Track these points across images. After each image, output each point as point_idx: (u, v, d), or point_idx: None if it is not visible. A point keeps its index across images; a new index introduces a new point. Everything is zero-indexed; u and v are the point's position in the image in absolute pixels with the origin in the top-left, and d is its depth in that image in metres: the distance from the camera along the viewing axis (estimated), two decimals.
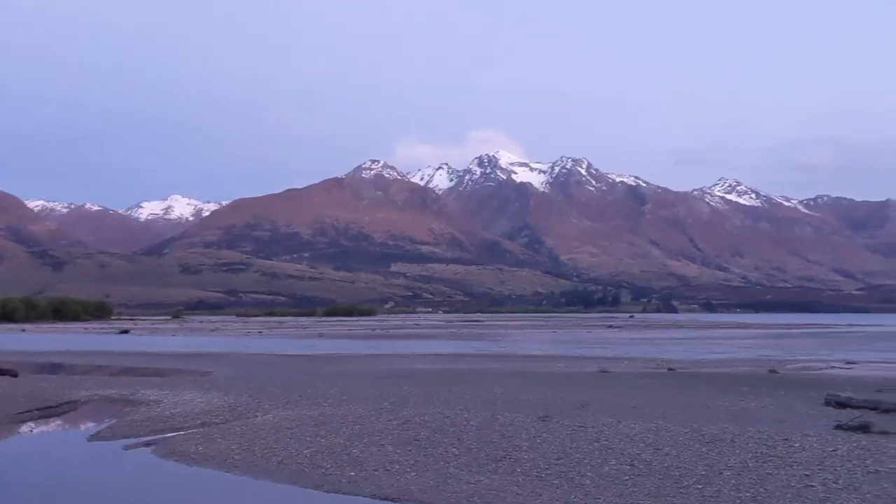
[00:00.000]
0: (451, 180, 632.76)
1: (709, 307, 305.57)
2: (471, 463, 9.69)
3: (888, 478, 8.31)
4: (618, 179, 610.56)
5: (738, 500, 7.57)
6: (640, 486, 8.29)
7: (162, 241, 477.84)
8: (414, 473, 9.26)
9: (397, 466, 9.63)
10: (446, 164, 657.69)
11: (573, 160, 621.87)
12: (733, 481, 8.28)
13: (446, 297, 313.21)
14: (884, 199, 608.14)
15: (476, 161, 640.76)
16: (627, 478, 8.63)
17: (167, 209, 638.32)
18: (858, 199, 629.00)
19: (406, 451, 10.49)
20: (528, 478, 8.84)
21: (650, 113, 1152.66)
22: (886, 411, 13.59)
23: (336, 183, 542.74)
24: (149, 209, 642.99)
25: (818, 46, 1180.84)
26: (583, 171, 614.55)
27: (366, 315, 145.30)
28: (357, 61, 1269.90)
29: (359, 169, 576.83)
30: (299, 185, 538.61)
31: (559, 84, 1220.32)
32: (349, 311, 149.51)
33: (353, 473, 9.41)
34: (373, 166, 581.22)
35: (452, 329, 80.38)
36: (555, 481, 8.64)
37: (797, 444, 10.22)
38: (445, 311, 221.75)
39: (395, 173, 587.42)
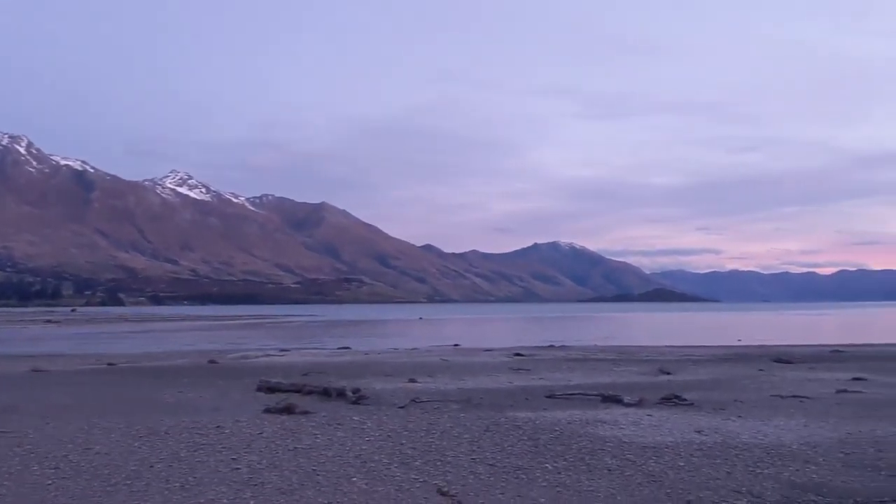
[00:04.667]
0: None
1: (157, 300, 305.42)
2: None
3: (304, 454, 9.32)
4: (63, 163, 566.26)
5: (166, 491, 7.67)
6: (66, 489, 7.83)
7: None
8: None
9: None
10: None
11: (10, 137, 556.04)
12: (164, 473, 8.37)
13: None
14: (320, 201, 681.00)
15: None
16: (51, 482, 8.08)
17: None
18: (299, 200, 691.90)
19: None
20: None
21: (101, 96, 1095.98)
22: (309, 393, 15.20)
23: None
24: None
25: (269, 57, 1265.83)
26: (22, 150, 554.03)
27: None
28: None
29: None
30: None
31: None
32: None
33: None
34: None
35: None
36: None
37: (228, 431, 10.81)
38: None
39: None
